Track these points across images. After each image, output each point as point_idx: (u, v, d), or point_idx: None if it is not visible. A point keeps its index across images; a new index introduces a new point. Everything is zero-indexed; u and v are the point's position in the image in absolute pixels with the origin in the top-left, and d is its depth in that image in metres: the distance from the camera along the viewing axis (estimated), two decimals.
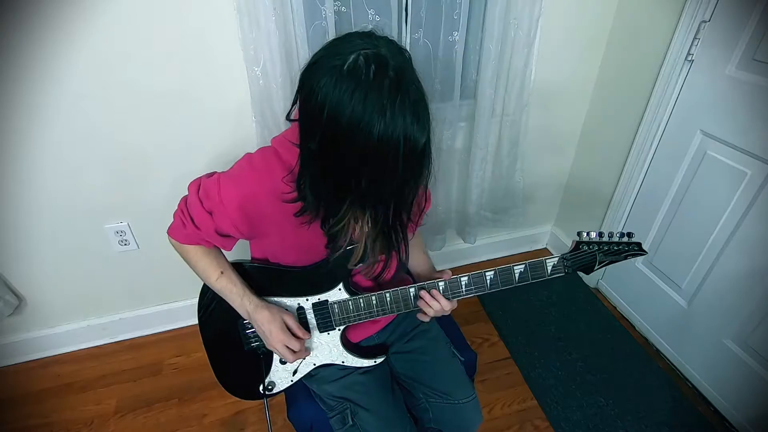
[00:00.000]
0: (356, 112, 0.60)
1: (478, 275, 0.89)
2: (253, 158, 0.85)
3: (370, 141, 0.61)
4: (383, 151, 0.62)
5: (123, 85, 1.22)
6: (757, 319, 1.31)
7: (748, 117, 1.24)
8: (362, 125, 0.60)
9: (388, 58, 0.62)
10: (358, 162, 0.64)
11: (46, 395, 1.55)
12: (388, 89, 0.60)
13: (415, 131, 0.63)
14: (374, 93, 0.60)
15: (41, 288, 1.53)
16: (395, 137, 0.61)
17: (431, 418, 1.04)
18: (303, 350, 0.94)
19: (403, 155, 0.63)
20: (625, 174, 1.67)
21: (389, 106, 0.60)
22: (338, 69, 0.61)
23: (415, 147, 0.64)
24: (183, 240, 0.89)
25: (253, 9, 1.14)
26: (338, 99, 0.61)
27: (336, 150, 0.65)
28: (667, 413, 1.47)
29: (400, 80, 0.61)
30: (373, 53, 0.62)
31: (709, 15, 1.27)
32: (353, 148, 0.63)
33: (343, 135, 0.62)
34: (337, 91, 0.61)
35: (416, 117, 0.62)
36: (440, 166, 1.63)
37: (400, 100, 0.61)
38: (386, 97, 0.60)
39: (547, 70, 1.58)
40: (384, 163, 0.64)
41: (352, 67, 0.61)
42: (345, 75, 0.61)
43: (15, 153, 1.25)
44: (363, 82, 0.60)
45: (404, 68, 0.63)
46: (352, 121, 0.61)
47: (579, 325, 1.79)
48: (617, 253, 0.89)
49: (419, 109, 0.63)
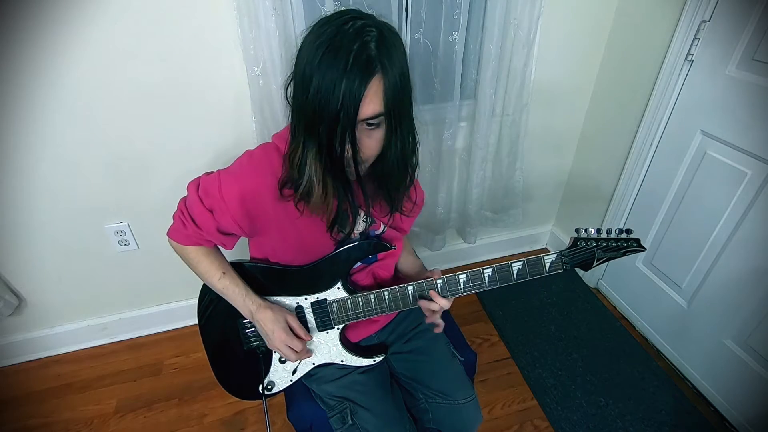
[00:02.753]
0: (332, 43, 0.64)
1: (476, 272, 0.89)
2: (254, 154, 0.85)
3: (329, 57, 0.63)
4: (334, 58, 0.64)
5: (123, 84, 1.22)
6: (757, 319, 1.31)
7: (748, 117, 1.24)
8: (329, 48, 0.64)
9: (374, 22, 0.66)
10: (316, 82, 0.65)
11: (46, 395, 1.55)
12: (362, 26, 0.65)
13: (372, 53, 0.64)
14: (348, 29, 0.64)
15: (41, 288, 1.53)
16: (350, 49, 0.63)
17: (431, 418, 1.04)
18: (305, 350, 0.94)
19: (351, 70, 0.63)
20: (625, 174, 1.67)
21: (354, 31, 0.65)
22: (323, 26, 0.66)
23: (368, 66, 0.64)
24: (184, 241, 0.89)
25: (253, 9, 1.14)
26: (318, 44, 0.64)
27: (305, 91, 0.66)
28: (667, 413, 1.47)
29: (381, 34, 0.66)
30: (361, 22, 0.66)
31: (709, 15, 1.27)
32: (318, 66, 0.64)
33: (311, 72, 0.65)
34: (318, 38, 0.65)
35: (379, 47, 0.65)
36: (440, 166, 1.63)
37: (369, 33, 0.65)
38: (356, 27, 0.65)
39: (547, 70, 1.58)
40: (332, 77, 0.64)
41: (337, 22, 0.66)
42: (330, 29, 0.65)
43: (15, 153, 1.25)
44: (343, 31, 0.64)
45: (388, 32, 0.67)
46: (326, 51, 0.64)
47: (579, 325, 1.79)
48: (616, 249, 0.88)
49: (386, 48, 0.66)
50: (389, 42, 0.67)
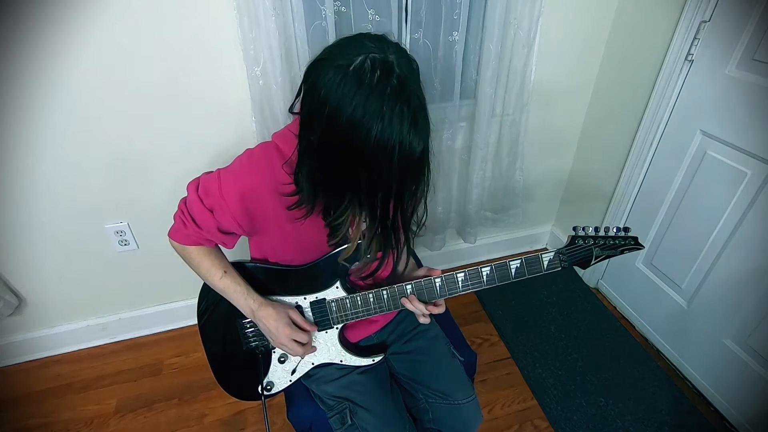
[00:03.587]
0: (356, 112, 0.61)
1: (474, 271, 0.89)
2: (253, 153, 0.85)
3: (366, 142, 0.63)
4: (378, 154, 0.64)
5: (123, 84, 1.22)
6: (757, 319, 1.31)
7: (748, 117, 1.24)
8: (360, 126, 0.62)
9: (395, 65, 0.63)
10: (353, 161, 0.66)
11: (46, 395, 1.55)
12: (389, 95, 0.61)
13: (412, 139, 0.64)
14: (375, 97, 0.61)
15: (41, 288, 1.53)
16: (391, 142, 0.63)
17: (431, 418, 1.04)
18: (310, 343, 0.95)
19: (398, 161, 0.64)
20: (624, 174, 1.67)
21: (388, 112, 0.61)
22: (344, 68, 0.62)
23: (411, 154, 0.65)
24: (184, 241, 0.89)
25: (252, 9, 1.14)
26: (340, 97, 0.62)
27: (334, 146, 0.66)
28: (667, 413, 1.47)
29: (403, 88, 0.62)
30: (381, 58, 0.63)
31: (709, 15, 1.27)
32: (350, 147, 0.64)
33: (341, 132, 0.63)
34: (340, 89, 0.62)
35: (414, 125, 0.63)
36: (440, 166, 1.63)
37: (399, 107, 0.62)
38: (386, 102, 0.61)
39: (547, 70, 1.58)
40: (379, 165, 0.65)
41: (358, 68, 0.62)
42: (350, 75, 0.62)
43: (15, 153, 1.25)
44: (366, 85, 0.61)
45: (408, 77, 0.64)
46: (351, 120, 0.62)
47: (579, 325, 1.79)
48: (614, 247, 0.88)
49: (418, 118, 0.64)
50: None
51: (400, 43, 0.68)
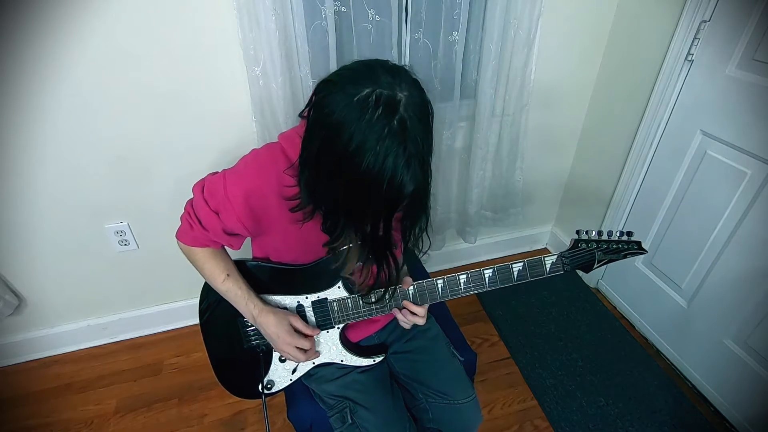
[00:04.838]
0: (352, 141, 0.62)
1: (476, 273, 0.89)
2: (259, 154, 0.86)
3: (357, 171, 0.63)
4: (368, 185, 0.64)
5: (123, 84, 1.22)
6: (757, 319, 1.31)
7: (748, 117, 1.24)
8: (354, 154, 0.62)
9: (401, 104, 0.63)
10: (345, 181, 0.66)
11: (46, 395, 1.55)
12: (386, 135, 0.62)
13: (403, 180, 0.64)
14: (372, 133, 0.62)
15: (41, 288, 1.53)
16: (380, 178, 0.63)
17: (431, 418, 1.04)
18: (313, 349, 0.95)
19: (386, 195, 0.65)
20: (625, 174, 1.67)
21: (382, 151, 0.62)
22: (351, 96, 0.62)
23: (400, 191, 0.65)
24: (191, 242, 0.89)
25: (252, 9, 1.14)
26: (341, 123, 0.63)
27: (329, 162, 0.67)
28: (667, 413, 1.47)
29: (402, 130, 0.62)
30: (388, 95, 0.62)
31: (709, 15, 1.27)
32: (342, 169, 0.65)
33: (336, 153, 0.64)
34: (342, 114, 0.63)
35: (407, 168, 0.63)
36: (440, 166, 1.63)
37: (394, 149, 0.62)
38: (381, 141, 0.62)
39: (547, 70, 1.58)
40: (368, 194, 0.65)
41: (363, 101, 0.62)
42: (353, 105, 0.62)
43: (15, 152, 1.25)
44: (366, 120, 0.61)
45: (412, 120, 0.63)
46: (346, 146, 0.63)
47: (579, 325, 1.79)
48: (617, 251, 0.88)
49: (412, 162, 0.64)
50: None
51: (419, 81, 0.68)
